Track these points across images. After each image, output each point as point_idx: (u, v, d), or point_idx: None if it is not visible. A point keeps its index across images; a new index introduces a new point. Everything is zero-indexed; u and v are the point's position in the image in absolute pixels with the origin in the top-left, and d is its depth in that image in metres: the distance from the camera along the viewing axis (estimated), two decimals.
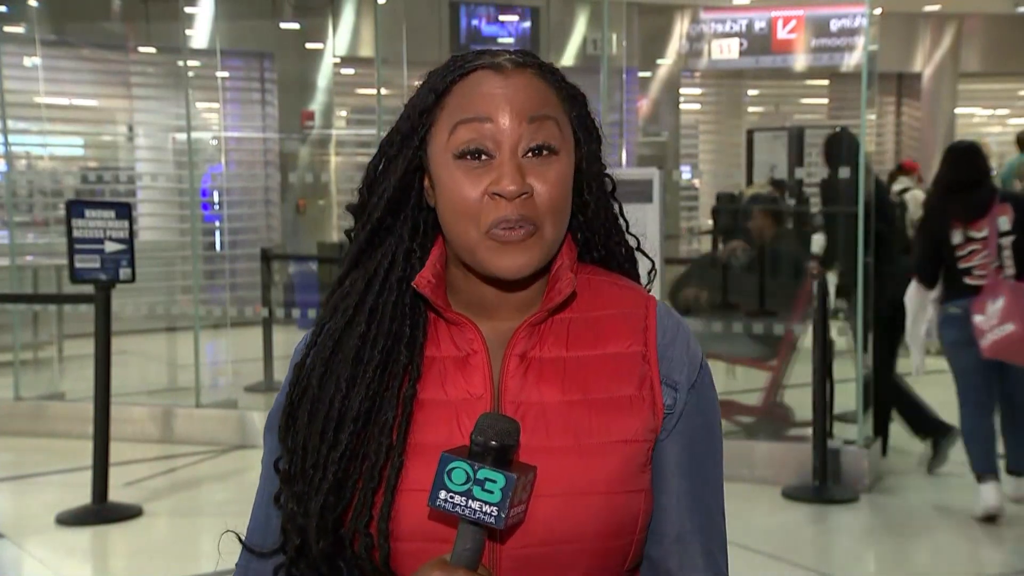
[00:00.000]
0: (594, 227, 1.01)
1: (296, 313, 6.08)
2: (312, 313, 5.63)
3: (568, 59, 10.86)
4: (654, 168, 4.62)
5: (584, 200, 1.00)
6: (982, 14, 12.34)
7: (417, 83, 1.05)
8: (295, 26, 9.38)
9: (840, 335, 5.22)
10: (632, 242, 1.06)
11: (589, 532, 0.90)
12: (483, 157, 0.93)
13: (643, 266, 1.08)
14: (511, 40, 10.29)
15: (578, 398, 0.93)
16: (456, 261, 0.97)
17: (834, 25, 11.13)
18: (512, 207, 0.91)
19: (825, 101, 12.72)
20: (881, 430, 4.73)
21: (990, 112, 13.62)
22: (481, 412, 0.90)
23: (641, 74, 11.02)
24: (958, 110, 12.72)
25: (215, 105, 8.60)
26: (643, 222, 4.37)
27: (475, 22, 10.13)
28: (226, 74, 8.88)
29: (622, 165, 5.57)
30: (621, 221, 1.04)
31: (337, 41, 9.33)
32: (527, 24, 10.41)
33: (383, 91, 5.24)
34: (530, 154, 0.93)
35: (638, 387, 0.94)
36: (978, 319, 3.86)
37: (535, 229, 0.92)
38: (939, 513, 4.11)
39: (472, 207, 0.92)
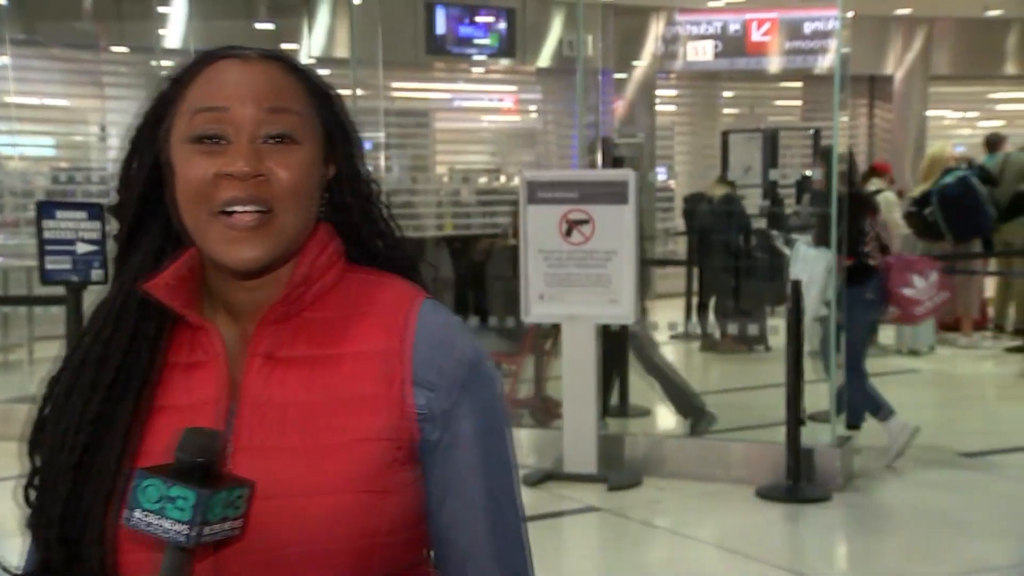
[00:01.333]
0: (360, 230, 0.98)
1: None
2: None
3: (544, 60, 10.89)
4: (629, 170, 4.65)
5: (345, 202, 0.97)
6: (952, 18, 12.49)
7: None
8: (270, 26, 9.34)
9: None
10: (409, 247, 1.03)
11: (321, 533, 0.86)
12: (221, 142, 0.90)
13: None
14: (487, 41, 10.30)
15: (320, 397, 0.90)
16: (209, 260, 0.93)
17: (807, 28, 11.22)
18: (244, 187, 0.88)
19: (799, 103, 12.82)
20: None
21: (960, 115, 13.78)
22: (212, 417, 0.89)
23: (617, 76, 11.06)
24: (929, 112, 12.88)
25: None
26: (619, 223, 4.40)
27: (452, 23, 10.13)
28: None
29: (598, 166, 5.58)
30: (402, 225, 1.02)
31: (312, 42, 9.30)
32: (503, 25, 10.41)
33: (359, 92, 5.23)
34: (270, 141, 0.91)
35: (386, 386, 0.90)
36: (909, 291, 4.63)
37: (268, 214, 0.89)
38: (911, 511, 4.16)
39: (203, 188, 0.89)
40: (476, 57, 10.64)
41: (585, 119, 5.71)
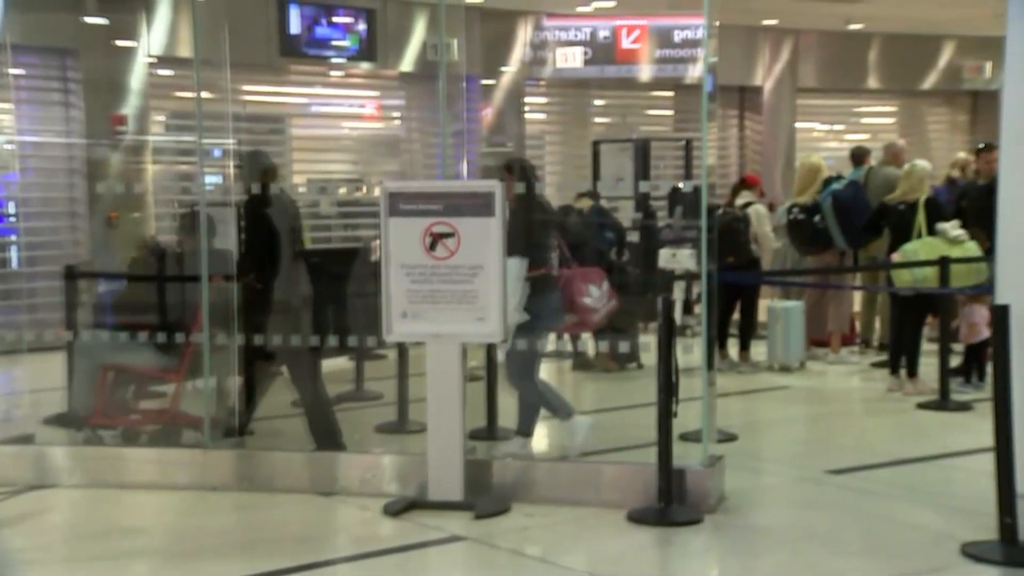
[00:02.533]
0: None
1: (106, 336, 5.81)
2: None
3: (407, 65, 10.86)
4: (496, 180, 4.66)
5: None
6: (816, 30, 13.16)
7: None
8: (102, 21, 8.98)
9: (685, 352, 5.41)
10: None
11: None
12: None
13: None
14: (345, 43, 10.21)
15: None
16: None
17: (677, 36, 11.61)
18: None
19: (671, 113, 13.22)
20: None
21: (828, 127, 14.52)
22: None
23: (484, 82, 11.15)
24: (798, 124, 13.49)
25: (7, 106, 8.13)
26: (485, 237, 4.41)
27: (307, 23, 9.99)
28: (20, 72, 8.41)
29: (463, 176, 5.60)
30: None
31: (152, 39, 8.99)
32: (363, 27, 10.34)
33: (204, 95, 5.08)
34: None
35: None
36: (587, 300, 5.22)
37: None
38: (782, 531, 4.31)
39: None
40: (334, 60, 10.53)
41: (450, 127, 5.71)
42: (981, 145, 8.13)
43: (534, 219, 5.02)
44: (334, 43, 10.15)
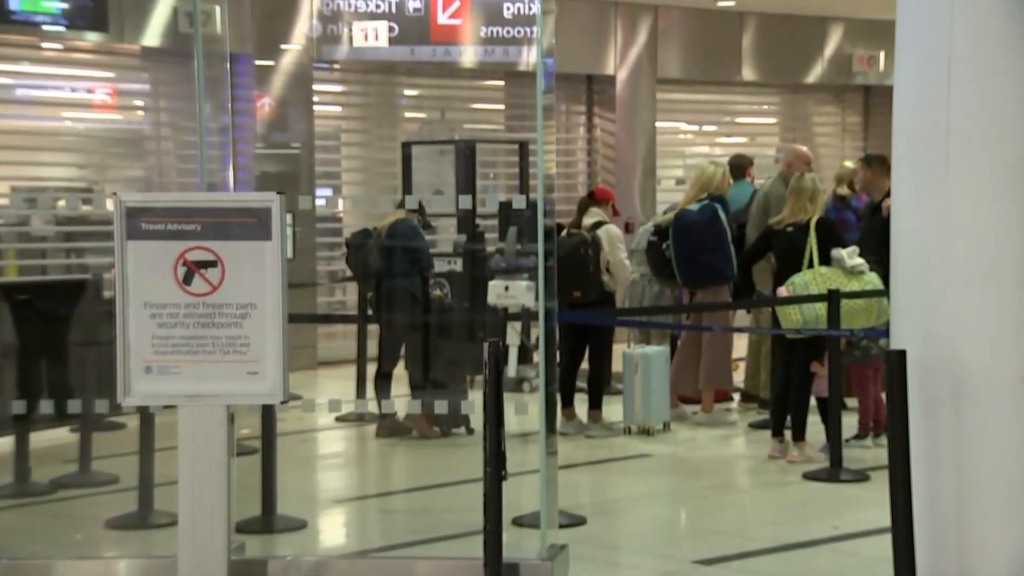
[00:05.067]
0: None
1: None
2: None
3: (152, 37, 10.62)
4: (273, 193, 4.62)
5: None
6: (679, 7, 13.65)
7: None
8: None
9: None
10: None
11: None
12: None
13: None
14: (66, 6, 9.89)
15: None
16: None
17: (507, 11, 11.83)
18: None
19: (501, 107, 13.44)
20: None
21: (696, 127, 15.09)
22: None
23: (259, 63, 11.04)
24: (659, 123, 13.92)
25: None
26: (259, 266, 4.35)
27: None
28: None
29: (229, 187, 5.51)
30: None
31: None
32: None
33: None
34: None
35: None
36: None
37: None
38: None
39: None
40: (47, 28, 10.16)
41: (213, 122, 5.63)
42: (864, 155, 8.53)
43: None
44: (45, 5, 9.81)
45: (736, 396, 8.96)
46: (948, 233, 3.98)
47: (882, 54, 14.39)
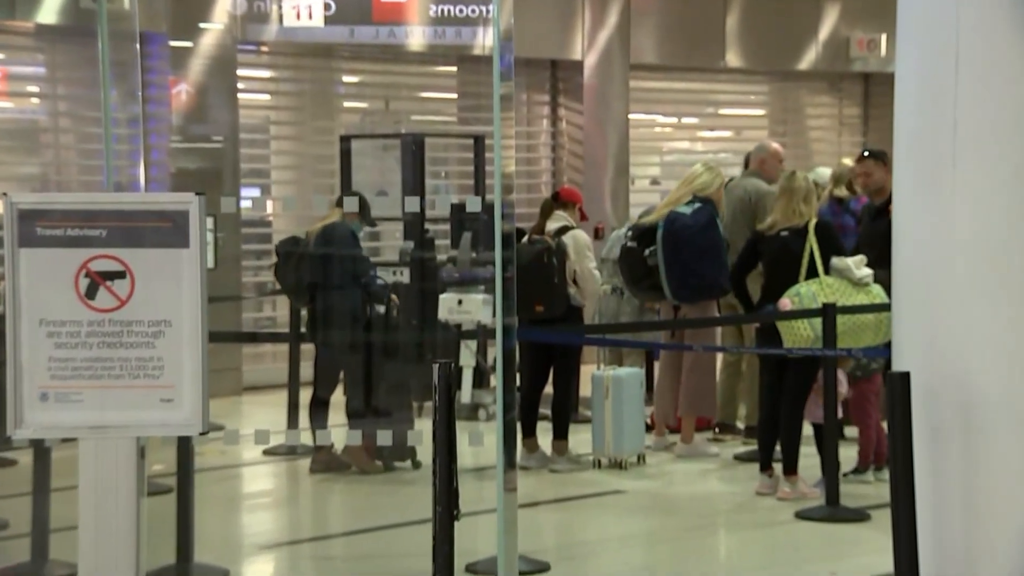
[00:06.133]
0: None
1: None
2: None
3: (48, 14, 10.55)
4: (192, 193, 4.61)
5: None
6: None
7: None
8: None
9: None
10: None
11: None
12: None
13: None
14: None
15: None
16: None
17: None
18: None
19: (453, 96, 13.45)
20: None
21: (674, 120, 15.17)
22: None
23: (174, 44, 10.99)
24: (633, 116, 13.99)
25: None
26: (174, 277, 4.34)
27: None
28: None
29: (140, 186, 5.50)
30: None
31: None
32: None
33: None
34: None
35: None
36: None
37: None
38: None
39: None
40: None
41: (120, 111, 5.61)
42: (866, 152, 8.59)
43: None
44: None
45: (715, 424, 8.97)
46: (955, 240, 4.00)
47: (883, 37, 14.51)
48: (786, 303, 7.09)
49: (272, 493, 8.23)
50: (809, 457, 7.22)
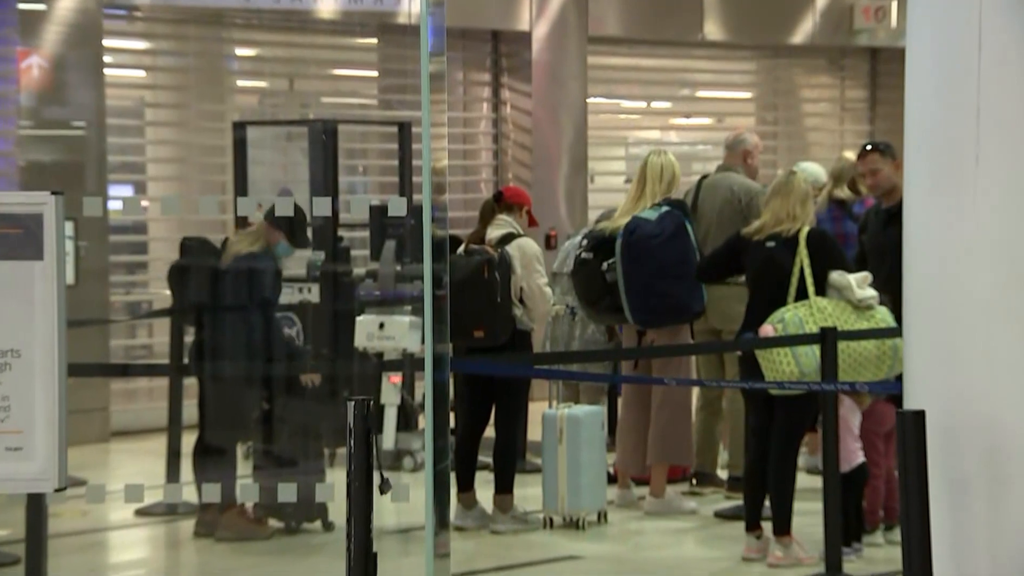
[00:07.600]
0: None
1: None
2: None
3: None
4: (47, 192, 4.60)
5: None
6: None
7: None
8: None
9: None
10: None
11: None
12: None
13: None
14: None
15: None
16: None
17: None
18: None
19: (373, 74, 13.47)
20: None
21: (642, 103, 15.23)
22: None
23: (23, 7, 10.93)
24: (592, 99, 14.04)
25: None
26: (23, 298, 4.32)
27: None
28: None
29: None
30: None
31: None
32: None
33: None
34: None
35: None
36: None
37: None
38: None
39: None
40: None
41: None
42: (868, 146, 8.64)
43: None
44: None
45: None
46: (978, 252, 4.04)
47: (894, 5, 14.64)
48: (768, 330, 7.10)
49: (146, 563, 8.20)
50: (803, 516, 7.24)
